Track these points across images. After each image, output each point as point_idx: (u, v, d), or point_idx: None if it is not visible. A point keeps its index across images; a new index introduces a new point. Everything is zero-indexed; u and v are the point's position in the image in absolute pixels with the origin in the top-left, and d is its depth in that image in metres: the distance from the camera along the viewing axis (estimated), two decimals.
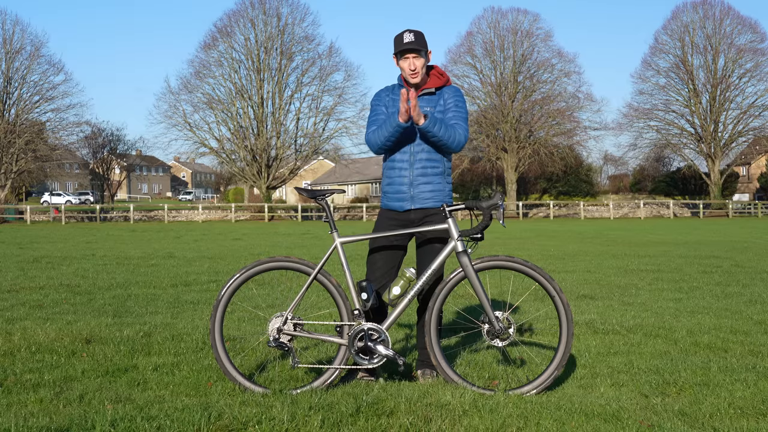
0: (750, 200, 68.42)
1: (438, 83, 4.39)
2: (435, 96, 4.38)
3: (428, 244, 4.36)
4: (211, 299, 8.04)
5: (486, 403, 3.57)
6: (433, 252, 4.32)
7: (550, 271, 11.34)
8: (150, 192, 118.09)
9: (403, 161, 4.34)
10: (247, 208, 56.92)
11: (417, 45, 4.23)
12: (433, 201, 4.34)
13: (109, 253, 16.00)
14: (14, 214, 51.48)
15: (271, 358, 4.75)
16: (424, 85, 4.37)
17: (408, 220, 4.37)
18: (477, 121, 57.88)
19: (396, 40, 4.31)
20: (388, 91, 4.46)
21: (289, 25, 54.89)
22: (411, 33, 4.26)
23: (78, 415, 3.37)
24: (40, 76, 55.03)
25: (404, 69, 4.31)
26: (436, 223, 4.29)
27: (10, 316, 6.61)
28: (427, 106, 4.33)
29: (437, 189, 4.35)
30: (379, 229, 4.39)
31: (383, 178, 4.49)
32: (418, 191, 4.32)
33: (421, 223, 4.35)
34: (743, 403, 3.74)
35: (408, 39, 4.24)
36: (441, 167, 4.38)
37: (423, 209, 4.35)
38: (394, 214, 4.40)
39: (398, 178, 4.35)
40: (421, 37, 4.28)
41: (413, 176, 4.33)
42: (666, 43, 61.77)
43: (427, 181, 4.34)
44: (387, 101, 4.42)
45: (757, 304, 7.58)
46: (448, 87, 4.42)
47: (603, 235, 26.23)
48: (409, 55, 4.26)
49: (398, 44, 4.28)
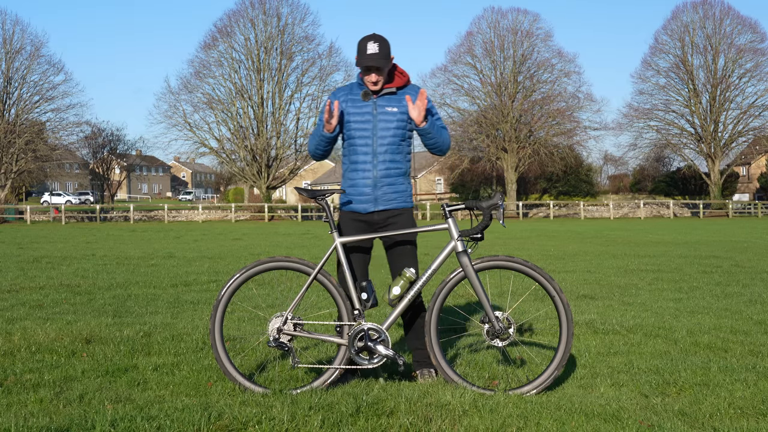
0: (750, 200, 68.40)
1: (399, 83, 4.36)
2: (396, 96, 4.34)
3: (398, 246, 4.35)
4: (211, 299, 8.04)
5: (486, 403, 3.57)
6: (405, 253, 4.33)
7: (550, 271, 11.34)
8: (150, 192, 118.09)
9: (366, 163, 4.30)
10: (247, 208, 56.91)
11: (379, 62, 4.16)
12: (397, 202, 4.35)
13: (109, 253, 16.00)
14: (14, 214, 51.47)
15: (271, 358, 4.75)
16: (386, 84, 4.34)
17: (372, 221, 4.35)
18: (477, 121, 57.89)
19: (360, 48, 4.23)
20: (346, 90, 4.41)
21: (289, 25, 54.93)
22: (375, 43, 4.19)
23: (78, 415, 3.37)
24: (40, 76, 55.08)
25: (365, 79, 4.27)
26: (401, 224, 4.33)
27: (10, 316, 6.61)
28: (389, 106, 4.30)
29: (401, 190, 4.36)
30: (346, 232, 4.34)
31: (345, 180, 4.42)
32: (381, 192, 4.31)
33: (386, 224, 4.34)
34: (743, 403, 3.74)
35: (372, 51, 4.18)
36: (403, 167, 4.39)
37: (386, 210, 4.34)
38: (357, 215, 4.36)
39: (362, 180, 4.31)
40: (385, 47, 4.21)
41: (377, 177, 4.31)
42: (666, 43, 61.81)
43: (391, 182, 4.33)
44: (342, 101, 4.36)
45: (757, 304, 7.58)
46: (409, 87, 4.40)
47: (603, 235, 26.23)
48: (371, 72, 4.22)
49: (362, 55, 4.21)
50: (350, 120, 4.33)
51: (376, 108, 4.30)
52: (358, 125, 4.30)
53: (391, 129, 4.29)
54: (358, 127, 4.30)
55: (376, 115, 4.29)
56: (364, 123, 4.29)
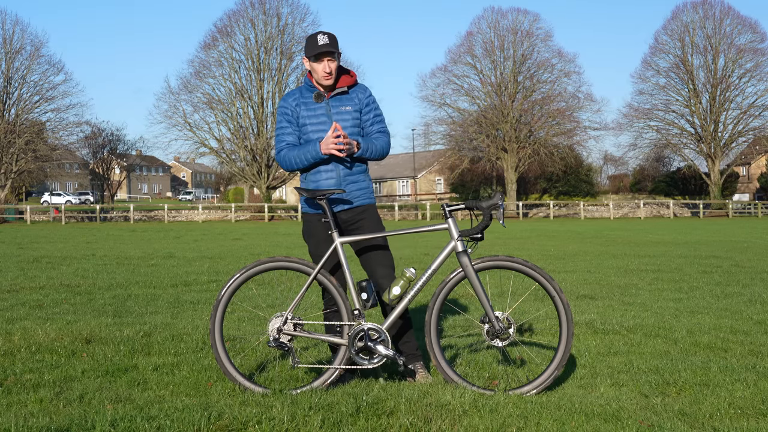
0: (750, 200, 68.40)
1: (349, 82, 4.39)
2: (348, 95, 4.37)
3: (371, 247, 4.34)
4: (211, 299, 8.04)
5: (486, 403, 3.57)
6: (380, 253, 4.32)
7: (550, 271, 11.34)
8: (150, 192, 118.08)
9: (328, 163, 4.30)
10: (247, 208, 56.91)
11: (332, 47, 4.22)
12: (362, 199, 4.37)
13: (109, 253, 16.00)
14: (14, 214, 51.47)
15: (271, 358, 4.75)
16: (337, 84, 4.36)
17: (341, 221, 4.35)
18: (477, 121, 57.90)
19: (309, 41, 4.27)
20: (296, 94, 4.41)
21: (289, 25, 54.96)
22: (325, 35, 4.25)
23: (78, 415, 3.37)
24: (40, 76, 55.10)
25: (318, 71, 4.26)
26: (368, 220, 4.33)
27: (10, 316, 6.61)
28: (342, 105, 4.33)
29: (364, 187, 4.38)
30: (313, 235, 4.32)
31: (307, 182, 4.39)
32: (347, 191, 4.32)
33: (354, 221, 4.34)
34: (743, 403, 3.74)
35: (323, 41, 4.22)
36: (365, 165, 4.44)
37: (353, 209, 4.35)
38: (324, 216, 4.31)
39: (325, 181, 4.30)
40: (334, 39, 4.28)
41: (341, 176, 4.31)
42: (666, 43, 61.83)
43: (354, 180, 4.35)
44: (294, 107, 4.36)
45: (757, 304, 7.58)
46: (358, 86, 4.44)
47: (603, 235, 26.23)
48: (324, 58, 4.24)
49: (312, 46, 4.24)
50: (306, 123, 4.33)
51: (330, 108, 4.33)
52: (315, 127, 4.31)
53: (348, 128, 4.31)
54: (315, 129, 4.31)
55: (330, 115, 4.32)
56: (320, 124, 4.31)
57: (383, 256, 4.36)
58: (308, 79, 4.39)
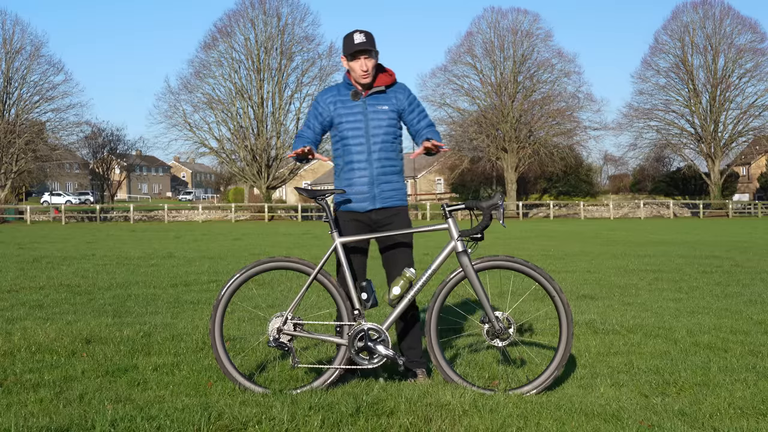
0: (750, 200, 68.38)
1: (387, 81, 4.40)
2: (386, 94, 4.38)
3: (395, 248, 4.35)
4: (211, 299, 8.04)
5: (486, 403, 3.57)
6: (401, 253, 4.34)
7: (550, 271, 11.34)
8: (150, 192, 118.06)
9: (362, 162, 4.32)
10: (247, 208, 56.92)
11: (368, 46, 4.24)
12: (394, 200, 4.37)
13: (109, 253, 16.00)
14: (14, 214, 51.47)
15: (271, 358, 4.75)
16: (374, 83, 4.38)
17: (370, 221, 4.36)
18: (477, 121, 57.88)
19: (346, 40, 4.30)
20: (334, 91, 4.44)
21: (289, 25, 54.95)
22: (362, 34, 4.28)
23: (78, 415, 3.37)
24: (40, 76, 55.12)
25: (355, 69, 4.29)
26: (399, 222, 4.34)
27: (10, 316, 6.60)
28: (378, 104, 4.34)
29: (397, 188, 4.38)
30: (345, 233, 4.33)
31: (340, 180, 4.42)
32: (379, 190, 4.33)
33: (385, 222, 4.35)
34: (743, 403, 3.74)
35: (359, 40, 4.25)
36: (398, 166, 4.43)
37: (385, 209, 4.35)
38: (355, 215, 4.36)
39: (359, 178, 4.33)
40: (372, 38, 4.29)
41: (374, 175, 4.32)
42: (666, 43, 61.83)
43: (387, 180, 4.35)
44: (330, 104, 4.38)
45: (757, 304, 7.58)
46: (397, 85, 4.44)
47: (603, 235, 26.23)
48: (360, 56, 4.26)
49: (349, 45, 4.27)
50: (342, 121, 4.35)
51: (366, 107, 4.33)
52: (351, 125, 4.33)
53: (383, 127, 4.32)
54: (350, 126, 4.33)
55: (367, 114, 4.32)
56: (356, 122, 4.32)
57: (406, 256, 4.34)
58: (347, 77, 4.41)
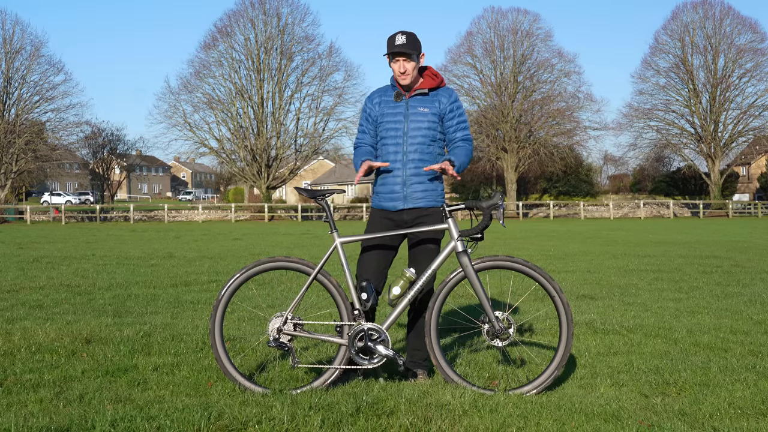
0: (750, 200, 68.38)
1: (431, 84, 4.42)
2: (428, 97, 4.41)
3: (422, 245, 4.36)
4: (211, 299, 8.04)
5: (486, 403, 3.57)
6: (427, 252, 4.34)
7: (550, 271, 11.34)
8: (150, 192, 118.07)
9: (396, 161, 4.36)
10: (247, 208, 56.92)
11: (407, 48, 4.26)
12: (426, 201, 4.37)
13: (109, 253, 15.99)
14: (14, 214, 51.46)
15: (271, 358, 4.75)
16: (417, 85, 4.41)
17: (401, 220, 4.38)
18: (477, 121, 57.85)
19: (389, 41, 4.35)
20: (381, 93, 4.49)
21: (289, 25, 54.93)
22: (403, 35, 4.30)
23: (78, 415, 3.37)
24: (40, 76, 55.08)
25: (394, 70, 4.35)
26: (429, 223, 4.31)
27: (10, 316, 6.61)
28: (420, 106, 4.36)
29: (430, 189, 4.38)
30: (372, 229, 4.39)
31: (377, 177, 4.50)
32: (411, 191, 4.34)
33: (415, 223, 4.36)
34: (743, 403, 3.74)
35: (399, 41, 4.28)
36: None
37: (416, 209, 4.36)
38: (387, 213, 4.41)
39: (391, 178, 4.37)
40: (414, 39, 4.31)
41: (406, 176, 4.35)
42: (666, 43, 61.80)
43: (420, 181, 4.36)
44: (376, 104, 4.44)
45: (757, 304, 7.58)
46: (443, 89, 4.46)
47: (603, 235, 26.22)
48: (399, 58, 4.30)
49: (390, 46, 4.33)
50: (384, 120, 4.41)
51: (408, 108, 4.37)
52: (391, 125, 4.39)
53: (422, 129, 4.35)
54: (390, 126, 4.39)
55: (407, 115, 4.36)
56: (396, 123, 4.38)
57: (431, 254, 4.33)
58: (392, 79, 4.46)
